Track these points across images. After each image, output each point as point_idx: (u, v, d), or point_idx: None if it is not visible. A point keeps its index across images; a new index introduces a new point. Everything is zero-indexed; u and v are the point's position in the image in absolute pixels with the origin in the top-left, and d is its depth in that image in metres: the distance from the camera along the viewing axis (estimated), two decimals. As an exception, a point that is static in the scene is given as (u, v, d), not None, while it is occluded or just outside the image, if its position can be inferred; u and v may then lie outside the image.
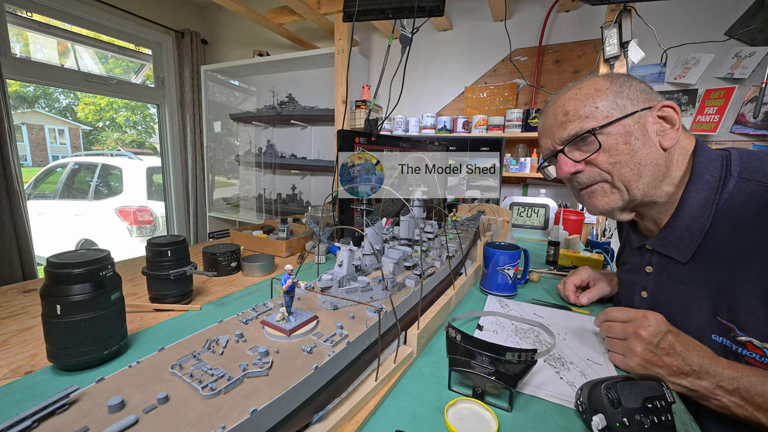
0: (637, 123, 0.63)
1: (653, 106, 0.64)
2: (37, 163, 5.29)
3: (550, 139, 0.71)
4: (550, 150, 0.71)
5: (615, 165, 0.64)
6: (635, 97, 0.64)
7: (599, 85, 0.66)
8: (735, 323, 0.56)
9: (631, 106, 0.63)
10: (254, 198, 3.30)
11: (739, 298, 0.56)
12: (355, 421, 0.45)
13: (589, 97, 0.65)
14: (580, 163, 0.66)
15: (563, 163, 0.68)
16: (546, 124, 0.72)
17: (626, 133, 0.62)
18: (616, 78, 0.66)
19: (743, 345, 0.55)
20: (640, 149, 0.62)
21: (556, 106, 0.69)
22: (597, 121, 0.63)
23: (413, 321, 0.65)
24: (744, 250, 0.56)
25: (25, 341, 0.64)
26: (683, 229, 0.63)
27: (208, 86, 3.14)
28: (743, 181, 0.58)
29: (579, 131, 0.65)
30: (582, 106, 0.65)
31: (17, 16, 2.35)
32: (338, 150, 1.09)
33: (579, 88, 0.67)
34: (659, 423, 0.43)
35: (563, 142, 0.68)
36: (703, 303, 0.61)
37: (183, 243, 0.78)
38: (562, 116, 0.67)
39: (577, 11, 2.11)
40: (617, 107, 0.63)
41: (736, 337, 0.56)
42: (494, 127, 2.17)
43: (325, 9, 2.30)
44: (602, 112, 0.63)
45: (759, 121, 1.74)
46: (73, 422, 0.31)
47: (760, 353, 0.54)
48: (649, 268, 0.72)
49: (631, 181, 0.64)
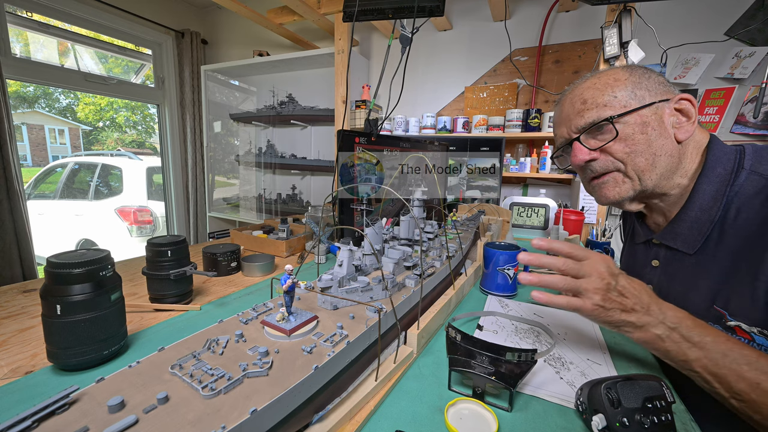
0: (654, 114, 0.63)
1: (671, 98, 0.64)
2: (37, 163, 5.28)
3: (566, 127, 0.70)
4: (566, 138, 0.71)
5: (630, 154, 0.64)
6: (653, 89, 0.64)
7: (618, 75, 0.66)
8: (726, 309, 0.58)
9: (650, 97, 0.64)
10: (254, 198, 3.30)
11: (733, 286, 0.57)
12: (355, 421, 0.45)
13: (608, 87, 0.65)
14: (595, 152, 0.66)
15: (578, 150, 0.68)
16: (563, 112, 0.72)
17: (643, 123, 0.63)
18: (635, 69, 0.67)
19: (732, 330, 0.56)
20: (655, 140, 0.62)
21: (574, 94, 0.69)
22: (615, 110, 0.63)
23: (413, 321, 0.65)
24: (748, 240, 0.56)
25: (25, 341, 0.64)
26: (693, 220, 0.64)
27: (208, 86, 3.14)
28: (754, 174, 0.59)
29: (596, 119, 0.64)
30: (601, 95, 0.65)
31: (17, 16, 2.35)
32: (338, 150, 1.09)
33: (598, 78, 0.67)
34: (659, 423, 0.43)
35: (580, 130, 0.67)
36: (703, 293, 0.61)
37: (183, 243, 0.78)
38: (580, 104, 0.67)
39: (577, 11, 2.11)
40: (635, 98, 0.64)
41: (727, 322, 0.57)
42: (494, 127, 2.17)
43: (325, 9, 2.30)
44: (620, 101, 0.64)
45: (759, 121, 1.74)
46: (73, 422, 0.31)
47: (749, 338, 0.55)
48: (655, 262, 0.72)
49: (644, 170, 0.64)
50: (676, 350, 0.53)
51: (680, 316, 0.54)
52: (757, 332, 0.54)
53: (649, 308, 0.55)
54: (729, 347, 0.50)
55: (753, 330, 0.54)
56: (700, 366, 0.51)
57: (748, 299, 0.55)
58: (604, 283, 0.55)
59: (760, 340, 0.54)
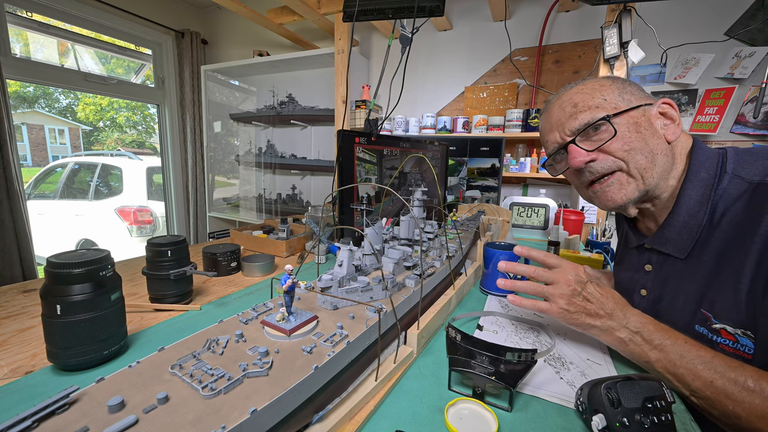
0: (643, 116, 0.65)
1: (653, 103, 0.66)
2: (37, 163, 5.29)
3: (558, 132, 0.70)
4: (559, 143, 0.70)
5: (629, 152, 0.63)
6: (637, 94, 0.67)
7: (603, 82, 0.68)
8: (711, 312, 0.59)
9: (636, 100, 0.66)
10: (254, 198, 3.30)
11: (718, 289, 0.58)
12: (355, 421, 0.45)
13: (596, 91, 0.67)
14: (594, 152, 0.66)
15: (576, 153, 0.67)
16: (552, 118, 0.72)
17: (636, 123, 0.64)
18: (616, 79, 0.70)
19: (718, 332, 0.58)
20: (650, 138, 0.63)
21: (563, 100, 0.70)
22: (608, 111, 0.64)
23: (413, 321, 0.65)
24: (732, 243, 0.57)
25: (25, 341, 0.64)
26: (681, 225, 0.64)
27: (208, 86, 3.14)
28: (736, 178, 0.59)
29: (591, 120, 0.65)
30: (591, 98, 0.66)
31: (17, 16, 2.35)
32: (338, 150, 1.09)
33: (584, 84, 0.69)
34: (659, 423, 0.43)
35: (574, 133, 0.67)
36: (691, 296, 0.62)
37: (183, 243, 0.78)
38: (571, 108, 0.67)
39: (577, 11, 2.11)
40: (624, 101, 0.65)
41: (712, 324, 0.58)
42: (494, 127, 2.17)
43: (325, 9, 2.30)
44: (611, 103, 0.65)
45: (759, 121, 1.74)
46: (73, 422, 0.31)
47: (733, 339, 0.56)
48: (648, 266, 0.72)
49: (646, 168, 0.64)
50: (639, 352, 0.58)
51: (643, 321, 0.59)
52: (741, 333, 0.55)
53: (613, 313, 0.61)
54: (686, 349, 0.54)
55: (737, 332, 0.55)
56: (661, 366, 0.56)
57: (731, 302, 0.56)
58: (569, 289, 0.63)
59: (744, 341, 0.55)
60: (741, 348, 0.55)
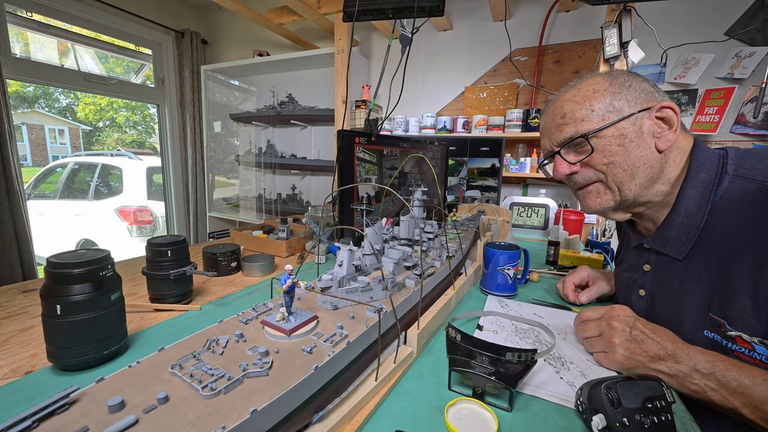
0: (633, 125, 0.63)
1: (652, 107, 0.63)
2: (37, 163, 5.29)
3: (548, 140, 0.73)
4: (549, 150, 0.73)
5: (608, 166, 0.65)
6: (633, 98, 0.64)
7: (598, 86, 0.66)
8: (725, 318, 0.57)
9: (628, 108, 0.64)
10: (254, 198, 3.30)
11: (730, 294, 0.57)
12: (355, 421, 0.45)
13: (587, 100, 0.66)
14: (576, 165, 0.68)
15: (559, 164, 0.70)
16: (545, 124, 0.74)
17: (621, 135, 0.63)
18: (616, 78, 0.66)
19: (733, 340, 0.56)
20: (633, 151, 0.63)
21: (555, 107, 0.70)
22: (592, 125, 0.64)
23: (413, 321, 0.65)
24: (736, 246, 0.57)
25: (25, 341, 0.64)
26: (679, 226, 0.64)
27: (208, 86, 3.14)
28: (738, 179, 0.59)
29: (574, 134, 0.66)
30: (579, 108, 0.66)
31: (17, 16, 2.35)
32: (338, 150, 1.09)
33: (578, 89, 0.68)
34: (659, 423, 0.43)
35: (559, 144, 0.69)
36: (697, 299, 0.62)
37: (183, 243, 0.78)
38: (560, 118, 0.68)
39: (577, 11, 2.11)
40: (614, 109, 0.64)
41: (727, 332, 0.57)
42: (494, 127, 2.17)
43: (325, 9, 2.30)
44: (598, 114, 0.64)
45: (759, 121, 1.74)
46: (73, 422, 0.31)
47: (749, 347, 0.55)
48: (647, 266, 0.72)
49: (623, 182, 0.65)
50: (721, 400, 0.52)
51: (711, 360, 0.53)
52: (758, 342, 0.54)
53: (675, 354, 0.55)
54: None
55: (753, 340, 0.54)
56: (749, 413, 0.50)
57: (748, 310, 0.54)
58: (618, 332, 0.60)
59: (761, 350, 0.54)
60: (757, 356, 0.54)
